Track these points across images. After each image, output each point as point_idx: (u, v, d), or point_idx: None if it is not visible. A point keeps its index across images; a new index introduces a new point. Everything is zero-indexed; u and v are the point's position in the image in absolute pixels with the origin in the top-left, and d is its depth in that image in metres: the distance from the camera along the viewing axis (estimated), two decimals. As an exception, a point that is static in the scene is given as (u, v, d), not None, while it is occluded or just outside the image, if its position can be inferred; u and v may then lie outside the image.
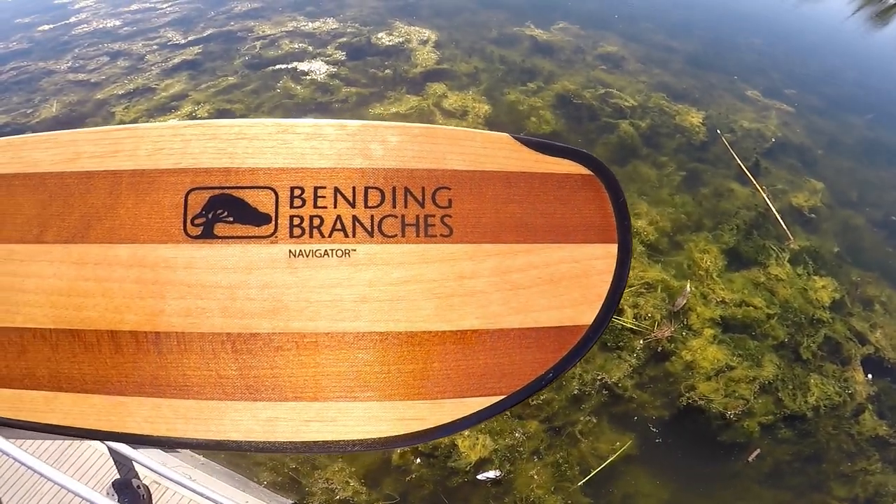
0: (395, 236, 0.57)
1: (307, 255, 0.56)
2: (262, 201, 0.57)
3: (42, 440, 2.49)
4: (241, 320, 0.55)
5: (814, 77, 6.58)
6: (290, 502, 2.94)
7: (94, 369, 0.54)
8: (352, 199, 0.58)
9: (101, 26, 6.56)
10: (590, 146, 4.96)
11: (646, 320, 3.67)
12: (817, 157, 5.28)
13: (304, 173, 0.58)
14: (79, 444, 2.71)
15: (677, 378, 3.44)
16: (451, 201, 0.58)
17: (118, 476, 2.46)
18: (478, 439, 3.11)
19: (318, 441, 0.54)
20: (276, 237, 0.57)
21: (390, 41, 6.11)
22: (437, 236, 0.58)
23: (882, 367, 3.66)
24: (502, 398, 0.55)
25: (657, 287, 3.84)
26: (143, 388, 0.54)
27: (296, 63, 5.77)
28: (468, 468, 3.03)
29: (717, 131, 5.26)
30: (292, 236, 0.57)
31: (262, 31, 6.28)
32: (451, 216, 0.58)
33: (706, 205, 4.55)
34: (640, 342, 3.56)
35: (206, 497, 2.17)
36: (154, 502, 2.58)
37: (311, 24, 6.42)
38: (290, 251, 0.56)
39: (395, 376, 0.55)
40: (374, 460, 3.06)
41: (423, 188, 0.59)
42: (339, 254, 0.56)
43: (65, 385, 0.54)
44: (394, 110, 5.15)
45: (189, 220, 0.57)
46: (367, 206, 0.58)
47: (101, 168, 0.58)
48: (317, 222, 0.57)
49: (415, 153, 0.59)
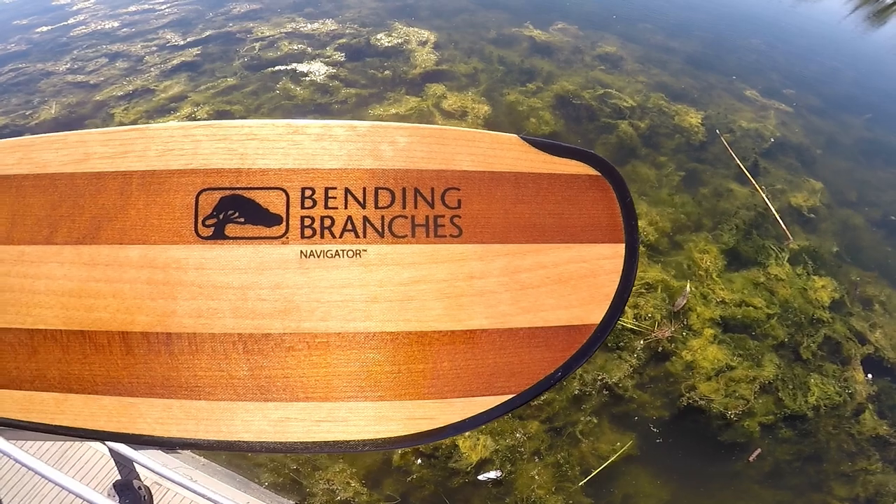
0: (406, 237, 0.58)
1: (318, 256, 0.56)
2: (273, 202, 0.57)
3: (43, 441, 2.49)
4: (253, 321, 0.55)
5: (812, 77, 6.60)
6: (290, 503, 2.93)
7: (105, 370, 0.54)
8: (362, 200, 0.58)
9: (99, 28, 6.55)
10: (589, 146, 4.94)
11: (646, 320, 3.67)
12: (816, 157, 5.29)
13: (315, 174, 0.58)
14: (79, 445, 2.71)
15: (678, 378, 3.45)
16: (460, 202, 0.59)
17: (119, 477, 2.45)
18: (479, 440, 3.11)
19: (329, 441, 0.54)
20: (287, 238, 0.57)
21: (389, 42, 6.11)
22: (446, 237, 0.58)
23: (882, 366, 3.66)
24: (511, 397, 0.56)
25: (657, 287, 3.84)
26: (154, 390, 0.54)
27: (295, 64, 5.77)
28: (469, 469, 3.03)
29: (717, 131, 5.27)
30: (303, 237, 0.57)
31: (261, 33, 6.28)
32: (460, 217, 0.58)
33: (706, 205, 4.55)
34: (641, 342, 3.56)
35: (207, 498, 2.16)
36: (155, 503, 2.58)
37: (310, 26, 6.41)
38: (301, 252, 0.56)
39: (405, 376, 0.55)
40: (374, 461, 3.06)
41: (433, 189, 0.59)
42: (350, 254, 0.57)
43: (75, 386, 0.54)
44: (393, 111, 5.15)
45: (200, 221, 0.57)
46: (377, 206, 0.58)
47: (112, 169, 0.57)
48: (328, 223, 0.57)
49: (424, 154, 0.59)
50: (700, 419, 3.31)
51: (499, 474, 3.02)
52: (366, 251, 0.57)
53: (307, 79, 5.58)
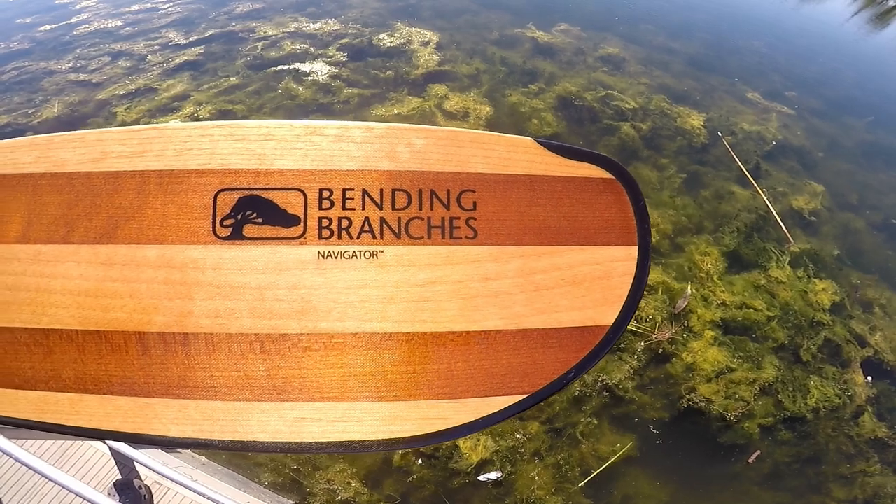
0: (422, 238, 0.58)
1: (336, 257, 0.57)
2: (290, 203, 0.57)
3: (46, 440, 2.49)
4: (270, 321, 0.55)
5: (814, 79, 6.59)
6: (291, 503, 2.94)
7: (121, 371, 0.54)
8: (379, 202, 0.58)
9: (102, 26, 6.56)
10: (591, 148, 4.94)
11: (647, 322, 3.67)
12: (817, 160, 5.29)
13: (333, 175, 0.58)
14: (80, 444, 2.69)
15: (678, 380, 3.45)
16: (475, 204, 0.59)
17: (119, 476, 2.45)
18: (479, 441, 3.11)
19: (343, 441, 0.54)
20: (304, 238, 0.57)
21: (392, 42, 6.11)
22: (462, 238, 0.58)
23: (881, 369, 3.66)
24: (524, 397, 0.56)
25: (658, 289, 3.85)
26: (171, 390, 0.54)
27: (297, 64, 5.77)
28: (469, 469, 3.03)
29: (718, 133, 5.27)
30: (321, 238, 0.57)
31: (264, 32, 6.28)
32: (475, 219, 0.59)
33: (707, 207, 4.56)
34: (641, 344, 3.57)
35: (208, 497, 2.16)
36: (155, 503, 2.58)
37: (312, 25, 6.42)
38: (318, 252, 0.57)
39: (420, 376, 0.56)
40: (375, 461, 3.06)
41: (449, 191, 0.59)
42: (368, 255, 0.57)
43: (90, 387, 0.54)
44: (395, 111, 5.15)
45: (218, 221, 0.57)
46: (394, 208, 0.58)
47: (129, 168, 0.57)
48: (345, 224, 0.57)
49: (440, 156, 0.60)
50: (700, 421, 3.32)
51: (499, 475, 3.03)
52: (382, 252, 0.57)
53: (309, 78, 5.58)
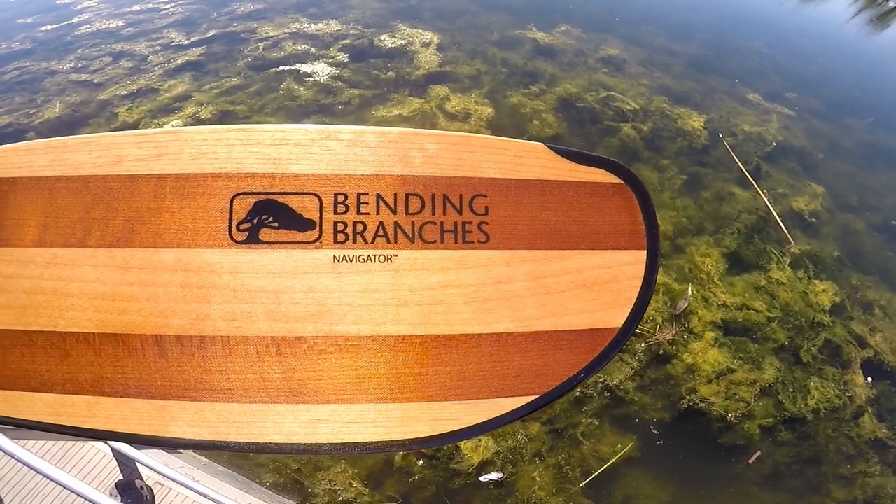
0: (435, 242, 0.59)
1: (351, 261, 0.57)
2: (306, 207, 0.58)
3: (46, 441, 2.49)
4: (286, 324, 0.56)
5: (814, 80, 6.60)
6: (292, 503, 2.94)
7: (138, 374, 0.55)
8: (393, 206, 0.59)
9: (103, 27, 6.56)
10: (591, 149, 4.96)
11: (647, 323, 3.68)
12: (818, 161, 5.30)
13: (348, 179, 0.59)
14: (81, 445, 2.69)
15: (678, 381, 3.46)
16: (487, 208, 0.60)
17: (121, 477, 2.45)
18: (480, 441, 3.12)
19: (357, 442, 0.55)
20: (320, 243, 0.57)
21: (393, 43, 6.12)
22: (474, 242, 0.59)
23: (881, 370, 3.67)
24: (535, 398, 0.57)
25: (659, 290, 3.85)
26: (187, 393, 0.55)
27: (299, 65, 5.78)
28: (471, 470, 3.04)
29: (719, 135, 5.28)
30: (336, 242, 0.58)
31: (265, 33, 6.29)
32: (487, 223, 0.59)
33: (707, 208, 4.56)
34: (642, 345, 3.58)
35: (210, 498, 2.16)
36: (157, 503, 2.58)
37: (313, 26, 6.42)
38: (334, 257, 0.57)
39: (432, 378, 0.56)
40: (376, 461, 3.07)
41: (461, 195, 0.60)
42: (382, 259, 0.58)
43: (107, 389, 0.54)
44: (396, 112, 5.16)
45: (234, 225, 0.57)
46: (407, 212, 0.59)
47: (145, 171, 0.58)
48: (360, 228, 0.58)
49: (453, 161, 0.60)
50: (700, 421, 3.32)
51: (500, 475, 3.03)
52: (396, 256, 0.58)
53: (311, 79, 5.59)
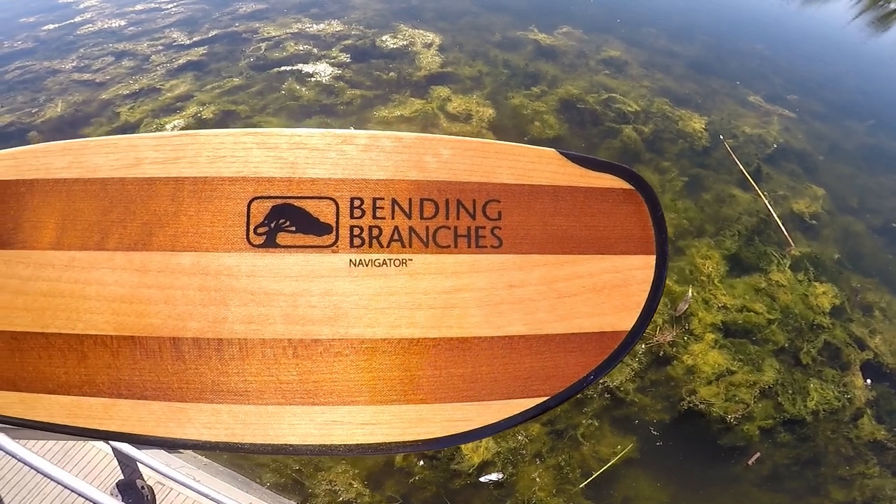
0: (449, 247, 0.59)
1: (367, 265, 0.58)
2: (323, 211, 0.59)
3: (55, 440, 2.49)
4: (303, 327, 0.57)
5: (815, 82, 6.60)
6: (292, 503, 2.95)
7: (155, 376, 0.55)
8: (408, 211, 0.60)
9: (106, 26, 6.57)
10: (593, 151, 4.97)
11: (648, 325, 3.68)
12: (818, 163, 5.30)
13: (363, 184, 0.60)
14: (82, 445, 2.69)
15: (678, 382, 3.46)
16: (500, 213, 0.61)
17: (122, 477, 2.46)
18: (481, 442, 3.12)
19: (371, 443, 0.56)
20: (337, 247, 0.58)
21: (394, 44, 6.12)
22: (487, 247, 0.60)
23: (881, 372, 3.68)
24: (546, 399, 0.58)
25: (659, 292, 3.85)
26: (204, 395, 0.55)
27: (300, 65, 5.78)
28: (471, 471, 3.05)
29: (720, 137, 5.28)
30: (352, 246, 0.58)
31: (267, 33, 6.29)
32: (500, 228, 0.60)
33: (708, 210, 4.57)
34: (642, 346, 3.58)
35: (210, 498, 2.16)
36: (158, 503, 2.58)
37: (315, 27, 6.43)
38: (350, 261, 0.58)
39: (445, 380, 0.57)
40: (377, 462, 3.07)
41: (475, 200, 0.61)
42: (397, 263, 0.58)
43: (124, 392, 0.55)
44: (398, 113, 5.16)
45: (252, 229, 0.58)
46: (422, 217, 0.60)
47: (163, 174, 0.58)
48: (376, 233, 0.59)
49: (466, 166, 0.61)
50: (700, 423, 3.33)
51: (500, 476, 3.04)
52: (411, 260, 0.59)
53: (312, 80, 5.60)
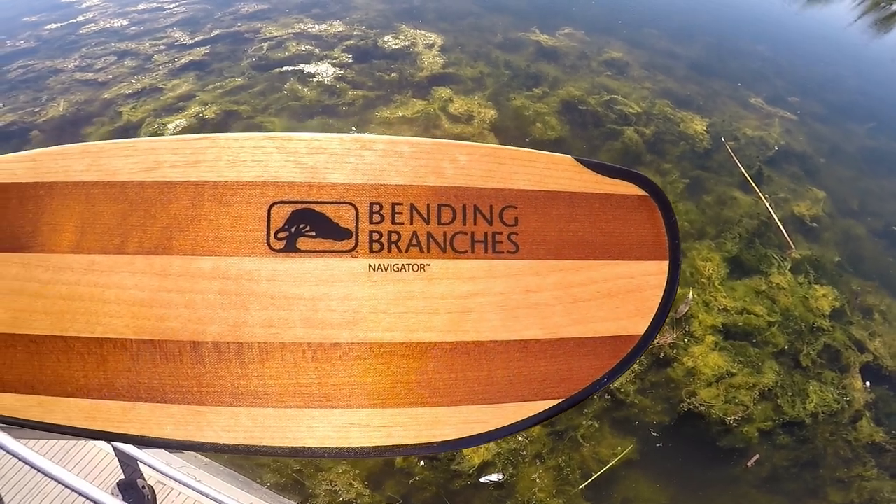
0: (466, 252, 0.60)
1: (385, 270, 0.59)
2: (342, 216, 0.59)
3: (48, 440, 2.49)
4: (323, 331, 0.57)
5: (817, 84, 6.61)
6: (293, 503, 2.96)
7: (175, 380, 0.55)
8: (426, 216, 0.60)
9: (108, 26, 6.58)
10: (594, 152, 4.98)
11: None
12: (819, 166, 5.31)
13: (382, 189, 0.60)
14: (83, 444, 2.69)
15: (678, 384, 3.47)
16: (517, 219, 0.61)
17: (123, 476, 2.47)
18: (481, 443, 3.13)
19: (388, 445, 0.56)
20: (356, 252, 0.59)
21: (396, 45, 6.13)
22: (504, 253, 0.60)
23: (880, 374, 3.69)
24: (560, 401, 0.59)
25: (659, 294, 3.86)
26: (223, 398, 0.56)
27: (302, 65, 5.79)
28: (471, 471, 3.06)
29: (721, 139, 5.29)
30: (372, 251, 0.59)
31: (269, 33, 6.30)
32: (517, 234, 0.61)
33: (709, 213, 4.58)
34: (642, 348, 3.58)
35: (211, 498, 2.17)
36: (158, 503, 2.59)
37: (317, 27, 6.44)
38: (369, 266, 0.58)
39: (462, 383, 0.58)
40: (377, 462, 3.08)
41: (491, 206, 0.61)
42: (415, 268, 0.59)
43: (143, 395, 0.55)
44: (400, 114, 5.17)
45: (272, 234, 0.58)
46: (440, 222, 0.60)
47: (183, 178, 0.58)
48: (394, 238, 0.59)
49: (483, 172, 0.62)
50: (700, 424, 3.34)
51: (500, 477, 3.05)
52: (429, 265, 0.59)
53: (314, 80, 5.60)
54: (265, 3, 6.93)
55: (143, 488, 2.47)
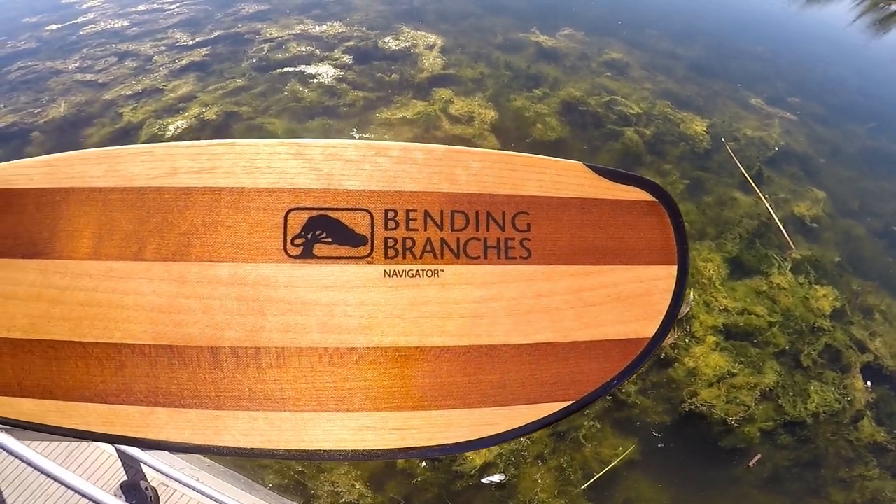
0: (479, 258, 0.61)
1: (400, 276, 0.59)
2: (358, 223, 0.60)
3: (49, 441, 2.48)
4: (339, 335, 0.58)
5: (817, 85, 6.61)
6: (295, 504, 2.96)
7: (193, 385, 0.56)
8: (440, 223, 0.61)
9: (108, 26, 6.58)
10: (595, 153, 4.99)
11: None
12: (819, 166, 5.31)
13: (397, 196, 0.61)
14: (86, 445, 2.69)
15: (680, 384, 3.48)
16: (529, 225, 0.62)
17: (126, 478, 2.47)
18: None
19: (402, 448, 0.57)
20: (372, 258, 0.59)
21: (397, 46, 6.13)
22: (516, 258, 0.61)
23: (881, 374, 3.69)
24: (570, 403, 0.60)
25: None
26: (241, 403, 0.56)
27: (303, 66, 5.79)
28: (473, 472, 3.06)
29: (722, 139, 5.29)
30: (387, 257, 0.60)
31: (270, 34, 6.30)
32: (529, 239, 0.62)
33: (710, 213, 4.58)
34: (643, 349, 3.59)
35: (213, 499, 2.16)
36: (161, 504, 2.59)
37: (318, 28, 6.44)
38: (385, 271, 0.59)
39: (474, 386, 0.59)
40: (379, 463, 3.08)
41: (504, 213, 0.62)
42: (430, 274, 0.60)
43: (161, 400, 0.56)
44: (401, 115, 5.17)
45: (289, 240, 0.59)
46: (453, 229, 0.61)
47: (200, 184, 0.58)
48: (409, 244, 0.60)
49: (495, 179, 0.63)
50: (701, 425, 3.34)
51: (502, 478, 3.05)
52: (443, 271, 0.60)
53: (315, 81, 5.60)
54: (266, 4, 6.92)
55: (146, 490, 2.47)
